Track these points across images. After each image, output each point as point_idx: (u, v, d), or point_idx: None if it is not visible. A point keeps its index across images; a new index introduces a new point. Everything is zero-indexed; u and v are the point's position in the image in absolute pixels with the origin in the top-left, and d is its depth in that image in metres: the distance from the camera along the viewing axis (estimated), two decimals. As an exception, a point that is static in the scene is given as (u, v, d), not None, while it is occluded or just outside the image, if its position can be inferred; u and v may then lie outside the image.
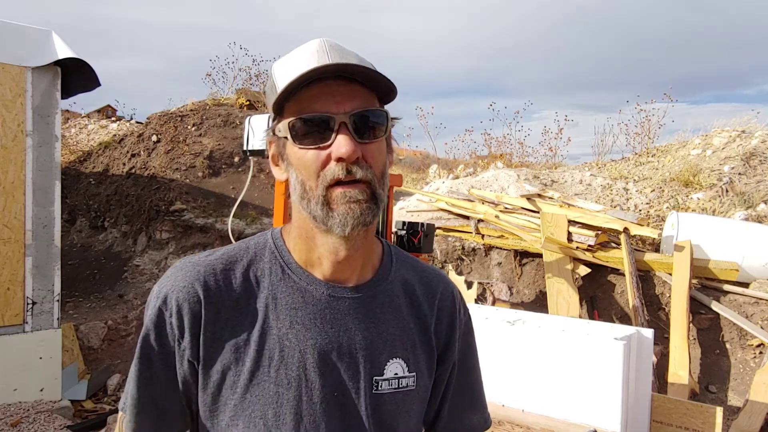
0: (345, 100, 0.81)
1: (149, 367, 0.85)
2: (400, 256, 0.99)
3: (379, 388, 0.89)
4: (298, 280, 0.88)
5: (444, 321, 0.99)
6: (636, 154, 10.62)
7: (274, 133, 0.87)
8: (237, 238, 3.25)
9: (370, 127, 0.83)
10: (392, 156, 0.92)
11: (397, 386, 0.90)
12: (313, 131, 0.81)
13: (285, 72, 0.83)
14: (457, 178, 9.41)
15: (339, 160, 0.80)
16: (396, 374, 0.91)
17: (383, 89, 0.86)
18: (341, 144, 0.79)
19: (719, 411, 2.83)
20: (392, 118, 0.88)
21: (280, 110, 0.85)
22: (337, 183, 0.81)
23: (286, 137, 0.84)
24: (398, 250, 1.00)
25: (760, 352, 4.86)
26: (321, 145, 0.81)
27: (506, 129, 15.74)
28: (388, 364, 0.90)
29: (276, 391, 0.84)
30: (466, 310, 1.05)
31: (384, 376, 0.89)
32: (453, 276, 5.70)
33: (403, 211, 7.46)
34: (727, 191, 7.17)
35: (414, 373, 0.92)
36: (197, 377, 0.85)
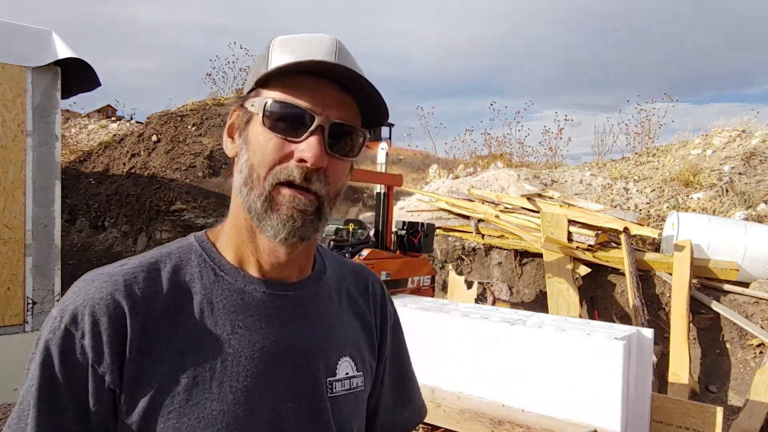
0: (333, 106, 0.75)
1: (52, 406, 0.69)
2: (328, 253, 0.94)
3: (334, 391, 0.82)
4: (234, 281, 0.79)
5: (378, 314, 0.95)
6: (636, 153, 10.62)
7: (243, 105, 0.79)
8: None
9: (345, 142, 0.77)
10: (348, 178, 0.84)
11: (349, 387, 0.84)
12: (288, 121, 0.74)
13: (288, 50, 0.76)
14: (457, 178, 9.41)
15: (302, 161, 0.73)
16: (347, 374, 0.84)
17: (372, 112, 0.80)
18: (312, 146, 0.73)
19: (719, 411, 2.83)
20: (365, 144, 0.82)
21: (262, 85, 0.77)
22: (289, 184, 0.74)
23: (256, 113, 0.76)
24: (324, 248, 0.94)
25: (761, 352, 4.86)
26: (289, 138, 0.74)
27: (506, 129, 15.74)
28: (339, 363, 0.83)
29: (220, 410, 0.72)
30: (392, 302, 1.01)
31: (337, 377, 0.83)
32: (453, 276, 5.70)
33: (403, 211, 7.46)
34: (727, 191, 7.17)
35: (361, 372, 0.86)
36: (117, 407, 0.71)
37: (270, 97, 0.75)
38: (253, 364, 0.75)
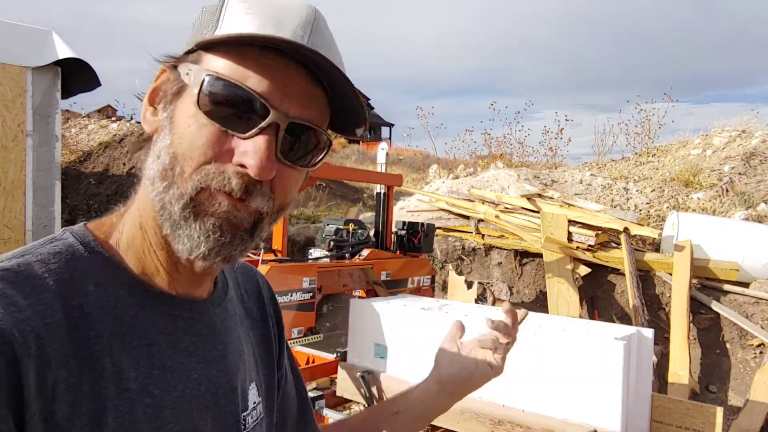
0: (296, 99, 0.57)
1: None
2: None
3: (247, 426, 0.68)
4: (143, 302, 0.59)
5: (274, 321, 0.81)
6: (636, 154, 10.63)
7: (176, 67, 0.59)
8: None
9: (303, 148, 0.59)
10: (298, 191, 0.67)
11: (256, 417, 0.70)
12: (232, 107, 0.55)
13: (251, 10, 0.57)
14: (457, 178, 9.41)
15: (242, 167, 0.55)
16: (254, 403, 0.70)
17: (345, 115, 0.63)
18: (259, 149, 0.55)
19: (719, 411, 2.83)
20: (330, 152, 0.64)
21: (206, 47, 0.57)
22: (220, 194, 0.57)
23: (191, 87, 0.57)
24: None
25: (761, 352, 4.86)
26: (232, 132, 0.56)
27: (506, 129, 15.75)
28: (249, 393, 0.69)
29: None
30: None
31: (248, 410, 0.69)
32: (453, 276, 5.70)
33: (403, 211, 7.47)
34: (727, 191, 7.17)
35: (261, 398, 0.73)
36: None
37: (212, 69, 0.56)
38: (175, 416, 0.58)
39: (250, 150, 0.55)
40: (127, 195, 0.65)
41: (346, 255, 3.88)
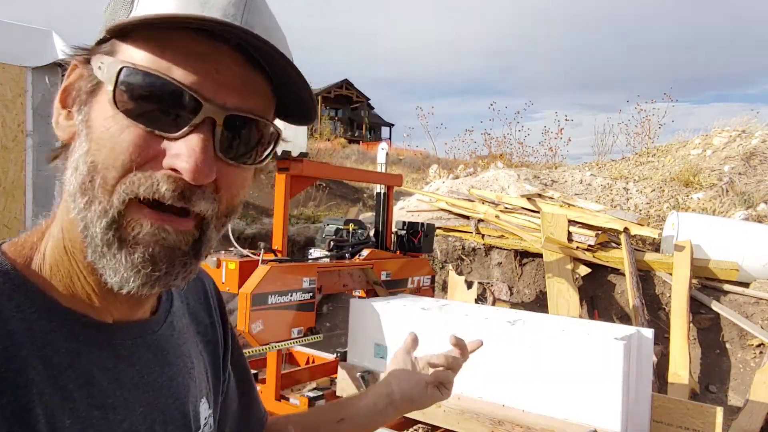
0: (234, 88, 0.49)
1: None
2: None
3: None
4: (79, 334, 0.51)
5: (220, 324, 0.75)
6: (636, 154, 10.63)
7: (89, 61, 0.50)
8: (237, 239, 3.25)
9: (247, 143, 0.52)
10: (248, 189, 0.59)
11: None
12: (157, 103, 0.47)
13: None
14: (457, 178, 9.41)
15: (175, 171, 0.47)
16: (206, 417, 0.65)
17: (292, 102, 0.55)
18: (193, 149, 0.47)
19: (719, 411, 2.83)
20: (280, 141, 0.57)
21: (120, 34, 0.48)
22: (154, 204, 0.48)
23: (104, 82, 0.48)
24: None
25: (761, 352, 4.86)
26: (159, 132, 0.47)
27: (506, 129, 15.76)
28: (200, 409, 0.64)
29: None
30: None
31: (200, 428, 0.64)
32: (453, 276, 5.70)
33: (403, 211, 7.47)
34: (727, 191, 7.17)
35: (211, 409, 0.67)
36: None
37: (129, 60, 0.47)
38: None
39: (183, 152, 0.47)
40: None
41: (346, 255, 3.88)
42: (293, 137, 3.44)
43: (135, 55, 0.47)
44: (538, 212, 6.31)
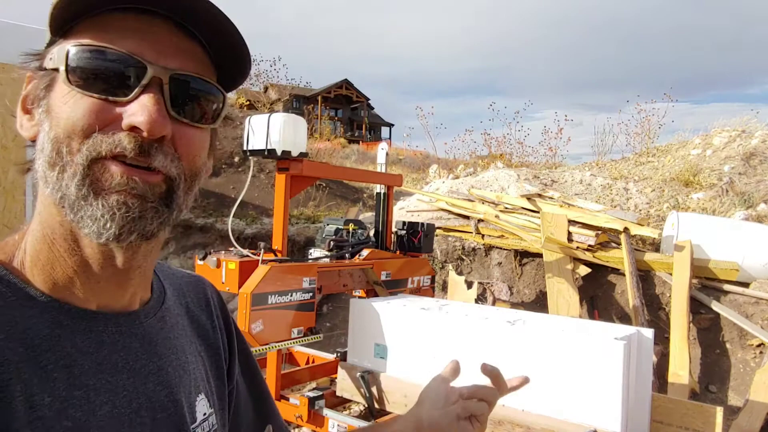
0: (172, 54, 0.54)
1: None
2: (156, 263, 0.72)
3: None
4: (58, 321, 0.54)
5: (223, 331, 0.77)
6: (636, 154, 10.63)
7: (41, 66, 0.55)
8: (237, 239, 3.26)
9: (195, 102, 0.56)
10: (212, 160, 0.63)
11: (209, 429, 0.67)
12: (107, 75, 0.51)
13: None
14: (457, 178, 9.41)
15: (133, 129, 0.51)
16: (204, 414, 0.67)
17: (230, 64, 0.59)
18: (146, 105, 0.51)
19: (719, 411, 2.83)
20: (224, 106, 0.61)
21: (62, 29, 0.54)
22: (117, 159, 0.52)
23: (57, 69, 0.53)
24: None
25: (761, 352, 4.86)
26: (111, 98, 0.52)
27: (506, 129, 15.76)
28: (197, 405, 0.66)
29: None
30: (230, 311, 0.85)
31: (197, 422, 0.65)
32: (453, 276, 5.70)
33: (403, 211, 7.47)
34: (727, 191, 7.17)
35: (213, 409, 0.70)
36: None
37: (75, 43, 0.52)
38: None
39: (137, 109, 0.51)
40: None
41: (346, 255, 3.88)
42: (293, 137, 3.44)
43: (81, 40, 0.53)
44: (538, 212, 6.31)
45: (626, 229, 5.64)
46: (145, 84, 0.52)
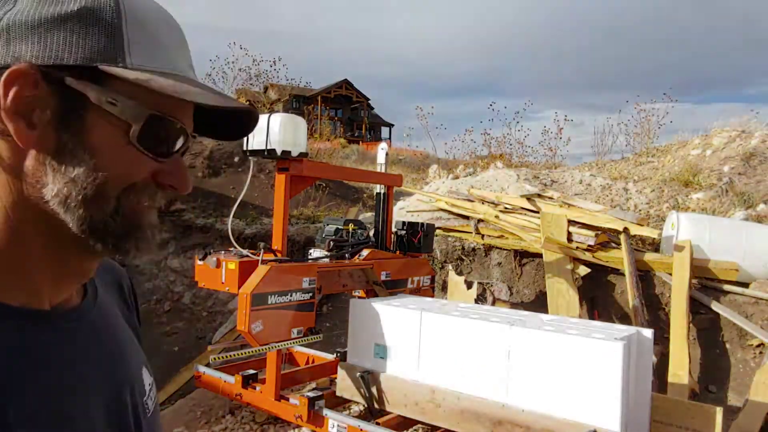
0: (189, 117, 0.63)
1: None
2: None
3: (148, 409, 0.72)
4: (19, 326, 0.57)
5: (135, 312, 0.84)
6: (636, 154, 10.64)
7: (60, 80, 0.54)
8: (237, 239, 3.26)
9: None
10: None
11: (154, 399, 0.74)
12: (165, 140, 0.59)
13: (146, 38, 0.57)
14: (457, 178, 9.41)
15: (170, 187, 0.61)
16: (149, 384, 0.74)
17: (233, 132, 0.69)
18: (182, 169, 0.61)
19: (719, 411, 2.83)
20: None
21: (117, 57, 0.55)
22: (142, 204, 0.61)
23: (126, 121, 0.56)
24: None
25: (760, 352, 4.86)
26: (159, 159, 0.59)
27: (506, 129, 15.78)
28: (143, 377, 0.73)
29: None
30: None
31: (146, 393, 0.72)
32: (453, 276, 5.70)
33: (403, 211, 7.47)
34: (726, 191, 7.18)
35: (152, 378, 0.77)
36: None
37: (150, 106, 0.57)
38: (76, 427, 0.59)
39: (174, 171, 0.61)
40: None
41: (346, 255, 3.88)
42: (293, 137, 3.44)
43: (146, 99, 0.57)
44: (537, 212, 6.31)
45: (626, 230, 5.64)
46: (182, 149, 0.62)
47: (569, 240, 5.68)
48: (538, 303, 5.85)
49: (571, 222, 5.89)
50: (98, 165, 0.56)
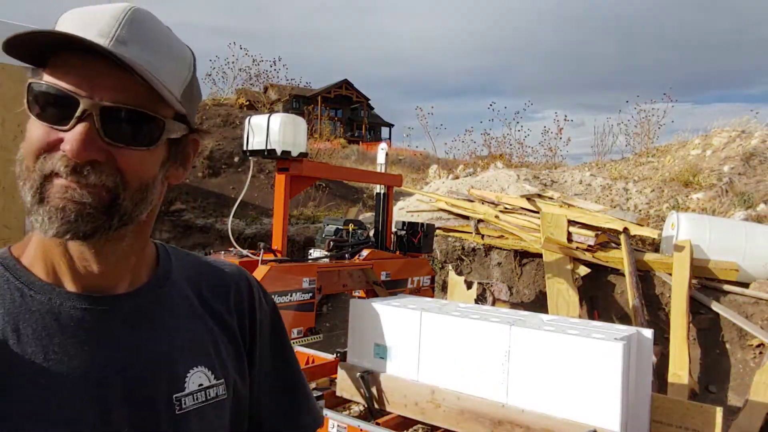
0: (106, 87, 0.64)
1: None
2: (179, 254, 0.85)
3: (183, 407, 0.74)
4: (47, 300, 0.68)
5: (246, 316, 0.87)
6: (636, 154, 10.64)
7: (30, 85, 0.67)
8: (237, 239, 3.26)
9: (132, 129, 0.66)
10: (183, 172, 0.76)
11: (204, 399, 0.76)
12: (53, 106, 0.64)
13: (70, 23, 0.65)
14: (457, 178, 9.41)
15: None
16: (201, 385, 0.76)
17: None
18: (74, 135, 0.63)
19: (719, 411, 2.83)
20: (188, 134, 0.73)
21: (42, 60, 0.66)
22: (59, 176, 0.64)
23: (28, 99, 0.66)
24: (176, 249, 0.86)
25: (760, 352, 4.86)
26: (56, 126, 0.64)
27: (506, 129, 15.77)
28: (189, 375, 0.75)
29: None
30: (269, 299, 0.93)
31: (186, 391, 0.74)
32: (453, 276, 5.70)
33: (403, 211, 7.47)
34: (726, 191, 7.18)
35: (222, 380, 0.79)
36: None
37: (35, 79, 0.66)
38: (77, 395, 0.65)
39: (69, 138, 0.63)
40: None
41: (346, 255, 3.88)
42: (293, 137, 3.45)
43: (40, 76, 0.65)
44: (537, 212, 6.31)
45: (626, 230, 5.64)
46: (78, 116, 0.63)
47: (569, 240, 5.68)
48: (538, 303, 5.85)
49: (571, 222, 5.89)
50: (22, 145, 0.67)
